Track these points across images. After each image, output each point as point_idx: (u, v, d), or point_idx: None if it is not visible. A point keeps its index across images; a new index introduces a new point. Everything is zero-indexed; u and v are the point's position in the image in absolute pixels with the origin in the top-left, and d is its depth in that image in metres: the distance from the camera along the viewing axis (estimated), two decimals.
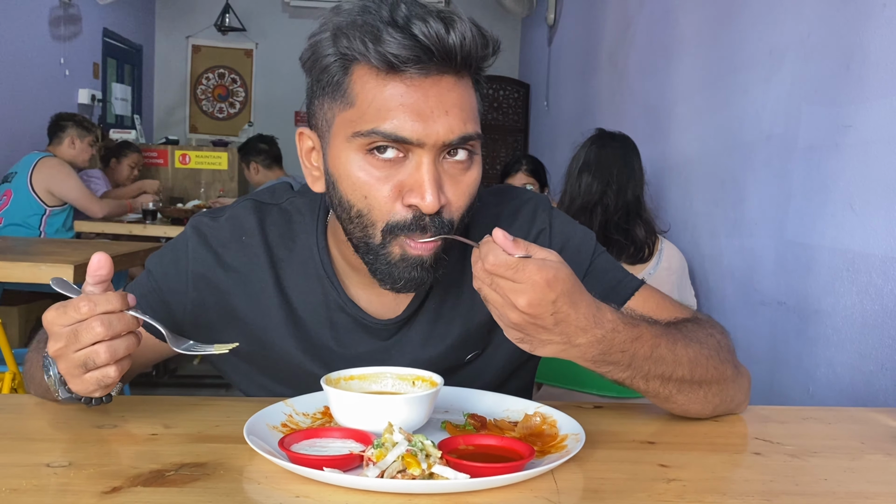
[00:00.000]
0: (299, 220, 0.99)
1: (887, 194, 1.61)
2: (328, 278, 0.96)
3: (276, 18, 7.44)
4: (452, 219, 0.84)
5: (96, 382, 0.76)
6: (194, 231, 0.98)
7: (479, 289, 0.76)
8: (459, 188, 0.84)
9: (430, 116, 0.80)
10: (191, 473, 0.71)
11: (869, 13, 1.71)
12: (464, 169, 0.85)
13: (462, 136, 0.82)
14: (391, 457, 0.68)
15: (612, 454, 0.81)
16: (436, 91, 0.80)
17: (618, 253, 2.18)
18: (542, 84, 5.83)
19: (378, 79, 0.81)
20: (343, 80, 0.83)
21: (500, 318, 0.77)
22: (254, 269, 0.96)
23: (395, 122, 0.80)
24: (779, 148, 2.11)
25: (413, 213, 0.82)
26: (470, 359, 1.02)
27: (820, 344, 1.85)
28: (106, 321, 0.74)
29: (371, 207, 0.83)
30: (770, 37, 2.20)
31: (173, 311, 0.97)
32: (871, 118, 1.68)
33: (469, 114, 0.83)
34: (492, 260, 0.73)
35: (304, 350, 0.97)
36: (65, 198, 3.90)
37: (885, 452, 0.85)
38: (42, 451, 0.76)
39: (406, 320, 0.98)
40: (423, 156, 0.81)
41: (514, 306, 0.73)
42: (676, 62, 3.03)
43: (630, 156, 2.31)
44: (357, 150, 0.83)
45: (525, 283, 0.72)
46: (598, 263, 1.03)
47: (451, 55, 0.79)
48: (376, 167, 0.82)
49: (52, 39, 5.10)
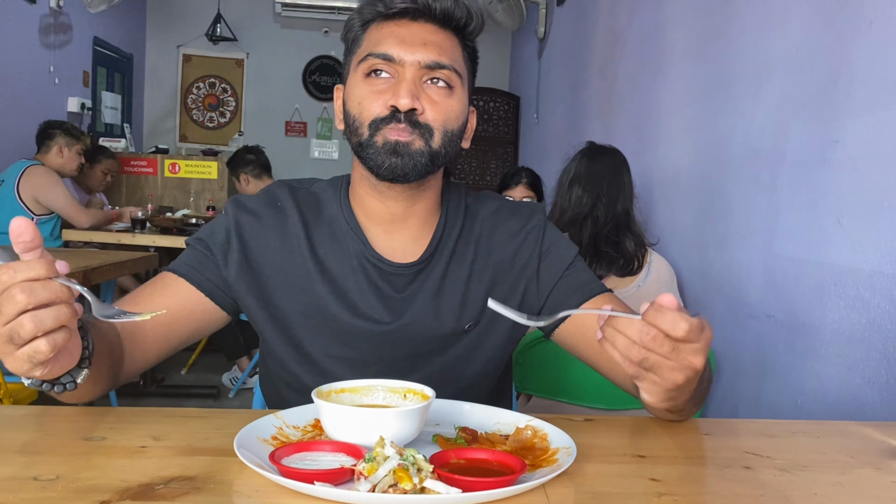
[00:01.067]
0: (324, 196, 1.14)
1: (874, 209, 1.63)
2: (352, 230, 1.10)
3: (268, 28, 7.46)
4: (429, 125, 1.01)
5: (28, 359, 0.71)
6: (232, 203, 1.13)
7: (645, 359, 0.76)
8: (437, 105, 1.02)
9: (411, 44, 1.02)
10: (180, 487, 0.70)
11: (856, 30, 1.73)
12: (444, 96, 1.03)
13: (437, 61, 1.02)
14: (383, 471, 0.68)
15: (603, 468, 0.81)
16: (419, 31, 1.03)
17: (607, 265, 2.19)
18: (532, 96, 5.86)
19: (379, 25, 1.05)
20: (360, 36, 1.07)
21: (660, 381, 0.78)
22: (288, 227, 1.10)
23: (384, 46, 1.02)
24: (767, 162, 2.13)
25: (391, 111, 1.01)
26: (469, 328, 1.11)
27: (808, 357, 1.86)
28: (27, 288, 0.69)
29: (362, 110, 1.02)
30: (759, 53, 2.23)
31: (220, 268, 1.08)
32: (859, 134, 1.70)
33: (447, 52, 1.03)
34: (685, 326, 0.74)
35: (332, 293, 1.08)
36: (51, 207, 3.87)
37: (874, 466, 0.85)
38: (29, 464, 0.75)
39: (419, 271, 1.10)
40: (405, 72, 1.01)
41: (691, 366, 0.77)
42: (665, 76, 3.06)
43: (620, 169, 2.32)
44: (359, 76, 1.04)
45: (703, 341, 0.77)
46: (576, 267, 1.15)
47: (430, 8, 1.03)
48: (372, 85, 1.03)
49: (42, 47, 5.09)
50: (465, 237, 1.14)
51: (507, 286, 1.13)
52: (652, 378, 0.78)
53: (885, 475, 0.83)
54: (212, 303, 1.08)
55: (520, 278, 1.14)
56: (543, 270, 1.14)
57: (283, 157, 7.31)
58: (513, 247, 1.14)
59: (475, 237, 1.14)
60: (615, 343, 0.77)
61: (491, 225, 1.15)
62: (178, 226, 4.38)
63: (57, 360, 0.75)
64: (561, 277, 1.13)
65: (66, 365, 0.78)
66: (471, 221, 1.15)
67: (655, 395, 0.80)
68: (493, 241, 1.14)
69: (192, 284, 1.07)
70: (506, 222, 1.16)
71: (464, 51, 1.08)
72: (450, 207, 1.14)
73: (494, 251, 1.14)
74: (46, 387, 0.81)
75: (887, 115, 1.60)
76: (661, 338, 0.75)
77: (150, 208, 4.69)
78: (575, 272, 1.15)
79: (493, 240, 1.14)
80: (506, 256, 1.14)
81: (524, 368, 1.85)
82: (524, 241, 1.15)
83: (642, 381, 0.79)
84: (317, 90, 7.64)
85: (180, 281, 1.07)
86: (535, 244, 1.14)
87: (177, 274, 1.07)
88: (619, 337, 0.77)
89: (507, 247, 1.14)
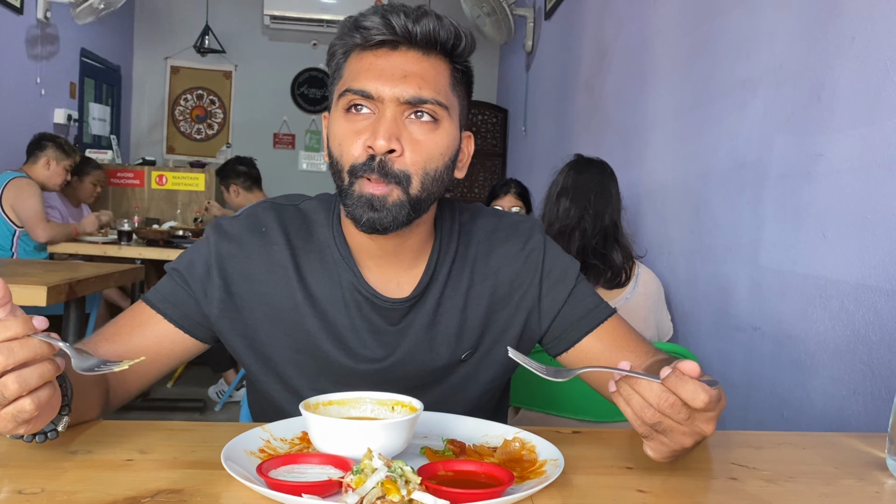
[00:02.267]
0: (315, 218, 1.08)
1: (858, 222, 1.65)
2: (344, 262, 1.04)
3: (256, 41, 7.47)
4: (406, 171, 0.94)
5: (12, 418, 0.70)
6: (213, 229, 1.06)
7: (658, 423, 0.77)
8: (418, 145, 0.95)
9: (390, 78, 0.94)
10: (167, 500, 0.70)
11: (839, 45, 1.76)
12: (427, 131, 0.96)
13: (417, 96, 0.94)
14: (370, 483, 0.68)
15: (591, 479, 0.81)
16: (400, 61, 0.95)
17: (595, 278, 2.19)
18: (520, 109, 5.89)
19: (359, 55, 0.97)
20: (342, 65, 1.00)
21: (668, 443, 0.79)
22: (274, 256, 1.04)
23: (361, 80, 0.95)
24: (752, 176, 2.15)
25: (368, 155, 0.94)
26: (465, 357, 1.08)
27: (794, 369, 1.88)
28: (5, 349, 0.68)
29: (342, 153, 0.96)
30: (743, 67, 2.25)
31: (200, 304, 1.03)
32: (842, 148, 1.72)
33: (430, 83, 0.95)
34: (705, 398, 0.74)
35: (322, 328, 1.03)
36: (19, 216, 3.82)
37: (858, 477, 0.86)
38: (14, 478, 0.75)
39: (412, 305, 1.05)
40: (385, 110, 0.94)
41: (702, 433, 0.78)
42: (652, 90, 3.08)
43: (607, 181, 2.33)
44: (340, 110, 0.97)
45: (718, 409, 0.77)
46: (579, 289, 1.11)
47: (411, 33, 0.95)
48: (351, 122, 0.96)
49: (29, 58, 5.07)
50: (459, 262, 1.08)
51: (506, 312, 1.09)
52: (661, 440, 0.79)
53: (869, 486, 0.83)
54: (191, 338, 1.04)
55: (520, 305, 1.09)
56: (545, 296, 1.09)
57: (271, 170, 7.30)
58: (511, 270, 1.09)
59: (470, 261, 1.08)
60: (630, 402, 0.77)
61: (487, 248, 1.09)
62: (164, 238, 4.36)
63: (39, 416, 0.74)
64: (565, 303, 1.09)
65: (47, 418, 0.77)
66: (465, 245, 1.09)
67: (661, 454, 0.81)
68: (490, 266, 1.08)
69: (170, 322, 1.03)
70: (503, 245, 1.10)
71: (453, 74, 0.99)
72: (443, 231, 1.08)
73: (491, 276, 1.08)
74: (28, 438, 0.80)
75: (870, 129, 1.62)
76: (679, 405, 0.75)
77: (136, 220, 4.67)
78: (579, 296, 1.10)
79: (489, 264, 1.08)
80: (503, 280, 1.08)
81: (512, 381, 1.85)
82: (524, 265, 1.09)
83: (651, 441, 0.80)
84: (305, 102, 7.65)
85: (158, 317, 1.03)
86: (535, 268, 1.09)
87: (154, 309, 1.03)
88: (636, 397, 0.77)
89: (505, 270, 1.09)
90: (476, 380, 1.10)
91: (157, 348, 1.02)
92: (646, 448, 0.81)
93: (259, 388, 1.11)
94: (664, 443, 0.79)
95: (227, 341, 1.06)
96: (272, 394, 1.08)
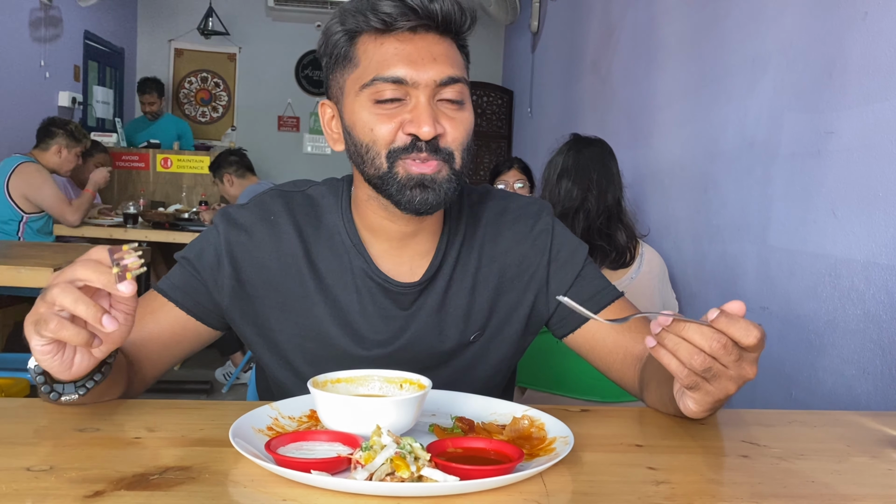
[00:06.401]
0: (324, 203, 1.07)
1: (868, 200, 1.63)
2: (355, 247, 1.03)
3: (260, 22, 7.42)
4: (450, 148, 0.95)
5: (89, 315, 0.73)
6: (222, 217, 1.06)
7: (709, 368, 0.76)
8: (455, 122, 0.95)
9: (421, 62, 0.93)
10: (175, 477, 0.70)
11: (850, 22, 1.73)
12: (457, 109, 0.96)
13: (450, 76, 0.94)
14: (380, 459, 0.68)
15: (601, 457, 0.80)
16: (424, 44, 0.95)
17: (601, 259, 2.18)
18: (525, 91, 5.85)
19: (376, 40, 0.95)
20: (350, 50, 0.97)
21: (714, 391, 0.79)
22: (283, 243, 1.04)
23: (392, 68, 0.93)
24: (761, 154, 2.13)
25: (412, 140, 0.93)
26: (473, 338, 1.08)
27: (802, 348, 1.87)
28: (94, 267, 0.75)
29: (376, 139, 0.94)
30: (753, 45, 2.23)
31: (211, 292, 1.03)
32: (853, 125, 1.70)
33: (455, 62, 0.96)
34: (757, 334, 0.75)
35: (332, 315, 1.03)
36: (41, 206, 3.83)
37: (871, 455, 0.85)
38: (22, 455, 0.74)
39: (423, 289, 1.04)
40: (420, 95, 0.93)
41: (746, 377, 0.78)
42: (659, 69, 3.06)
43: (608, 160, 2.30)
44: (364, 101, 0.95)
45: (759, 350, 0.77)
46: (587, 271, 1.11)
47: (433, 15, 0.94)
48: (381, 110, 0.94)
49: (32, 41, 5.05)
50: (468, 244, 1.07)
51: (514, 294, 1.09)
52: (707, 388, 0.78)
53: (881, 463, 0.83)
54: (203, 325, 1.05)
55: (528, 286, 1.09)
56: (553, 278, 1.09)
57: (275, 152, 7.30)
58: (519, 252, 1.09)
59: (478, 243, 1.08)
60: (677, 351, 0.76)
61: (495, 230, 1.09)
62: (170, 220, 4.36)
63: (76, 351, 0.78)
64: (572, 285, 1.09)
65: (79, 363, 0.79)
66: (473, 227, 1.09)
67: (704, 405, 0.80)
68: (498, 247, 1.08)
69: (181, 310, 1.03)
70: (511, 227, 1.10)
71: (461, 53, 1.01)
72: (452, 213, 1.08)
73: (499, 258, 1.08)
74: (54, 397, 0.83)
75: (881, 106, 1.60)
76: (731, 346, 0.75)
77: (142, 203, 4.67)
78: (587, 279, 1.10)
79: (497, 245, 1.08)
80: (511, 262, 1.08)
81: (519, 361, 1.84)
82: (532, 247, 1.09)
83: (696, 392, 0.79)
84: (310, 84, 7.61)
85: (170, 305, 1.03)
86: (543, 250, 1.09)
87: (166, 297, 1.03)
88: (684, 345, 0.76)
89: (513, 252, 1.09)
90: (484, 361, 1.10)
91: (170, 335, 1.03)
92: (687, 402, 0.81)
93: (268, 374, 1.11)
94: (709, 391, 0.78)
95: (239, 329, 1.07)
96: (281, 380, 1.08)
